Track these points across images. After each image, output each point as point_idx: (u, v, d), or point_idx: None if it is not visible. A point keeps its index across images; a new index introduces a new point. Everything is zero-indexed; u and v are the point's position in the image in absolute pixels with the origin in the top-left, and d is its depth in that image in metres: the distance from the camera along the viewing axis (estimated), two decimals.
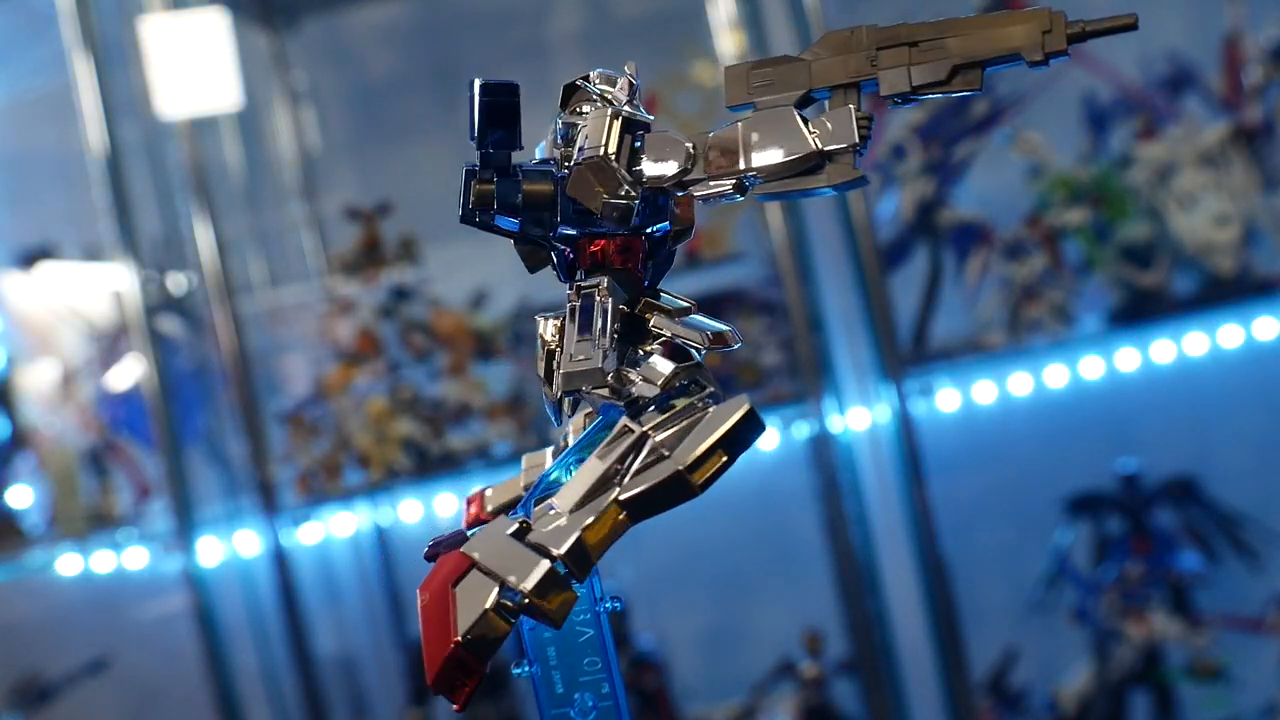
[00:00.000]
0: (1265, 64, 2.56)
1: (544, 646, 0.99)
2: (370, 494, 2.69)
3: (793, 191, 0.89)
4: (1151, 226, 2.58)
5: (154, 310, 2.77)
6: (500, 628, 0.86)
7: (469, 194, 0.93)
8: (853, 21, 0.88)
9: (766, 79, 0.90)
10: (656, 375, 0.91)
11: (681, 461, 0.87)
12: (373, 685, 3.12)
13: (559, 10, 3.19)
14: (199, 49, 2.76)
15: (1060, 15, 0.84)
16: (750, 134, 0.89)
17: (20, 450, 2.83)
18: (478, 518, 1.05)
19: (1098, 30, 0.84)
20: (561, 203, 0.93)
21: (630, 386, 0.91)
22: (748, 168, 0.89)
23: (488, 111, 0.91)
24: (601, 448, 0.89)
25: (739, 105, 0.92)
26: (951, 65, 0.86)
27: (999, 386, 2.67)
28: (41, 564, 2.79)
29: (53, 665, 2.98)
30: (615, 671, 0.99)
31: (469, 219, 0.94)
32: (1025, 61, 0.85)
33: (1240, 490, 2.75)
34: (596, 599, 0.99)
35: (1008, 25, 0.85)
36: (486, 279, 2.88)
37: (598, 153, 0.91)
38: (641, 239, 0.95)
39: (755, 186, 0.90)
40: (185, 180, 2.73)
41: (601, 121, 0.92)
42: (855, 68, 0.88)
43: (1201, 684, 2.59)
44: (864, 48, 0.88)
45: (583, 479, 0.88)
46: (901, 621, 2.73)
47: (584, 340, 0.91)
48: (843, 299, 2.76)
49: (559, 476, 0.95)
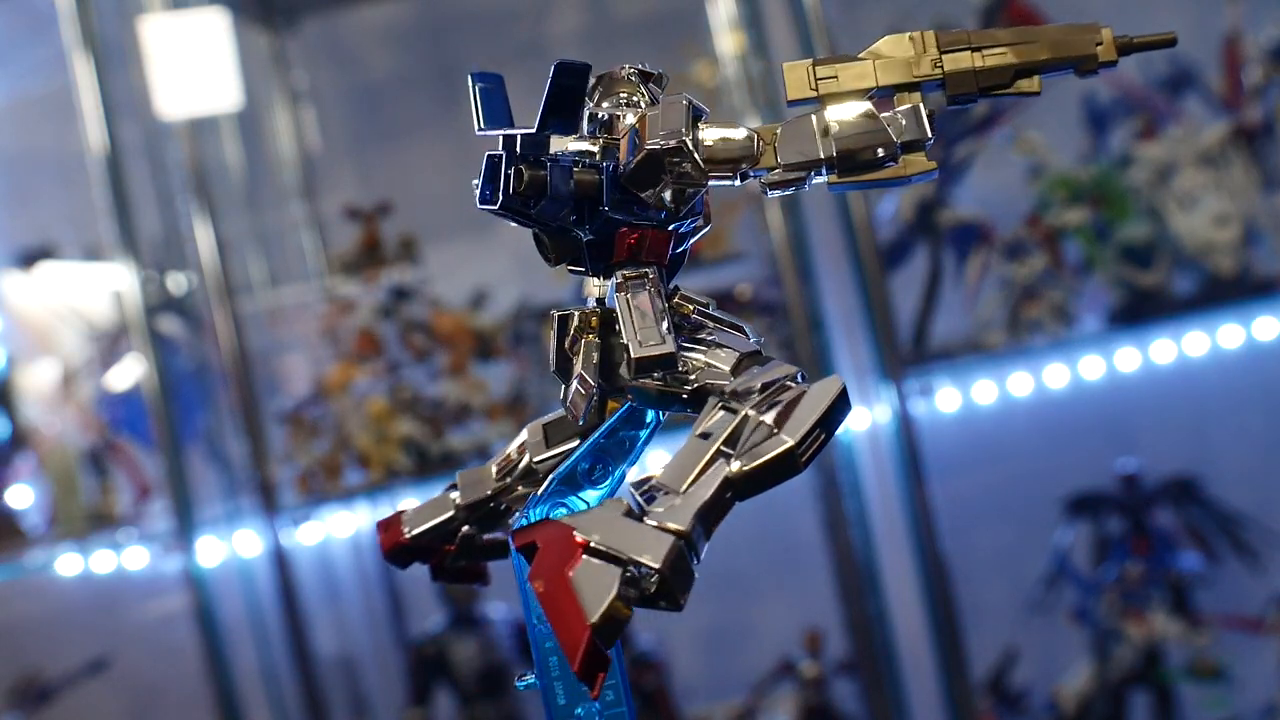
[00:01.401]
0: (1265, 64, 2.56)
1: (546, 656, 0.98)
2: (370, 494, 2.69)
3: (869, 182, 0.92)
4: (1151, 226, 2.58)
5: (154, 310, 2.77)
6: (624, 613, 0.81)
7: (514, 180, 0.90)
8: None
9: (831, 74, 0.92)
10: (729, 359, 0.91)
11: (793, 436, 0.85)
12: (373, 685, 3.12)
13: (559, 10, 3.19)
14: (199, 49, 2.76)
15: (1109, 29, 0.93)
16: (828, 125, 0.91)
17: (20, 450, 2.83)
18: (397, 543, 1.05)
19: (1142, 44, 0.93)
20: (610, 190, 0.92)
21: (691, 374, 0.91)
22: (828, 157, 0.91)
23: (559, 94, 0.90)
24: (699, 427, 0.87)
25: (800, 100, 0.93)
26: (1015, 70, 0.92)
27: (999, 386, 2.67)
28: (41, 564, 2.79)
29: (53, 665, 2.98)
30: (623, 677, 0.99)
31: (509, 205, 0.91)
32: (1076, 71, 0.93)
33: (1240, 490, 2.75)
34: None
35: (1065, 35, 0.93)
36: (486, 279, 2.88)
37: (680, 137, 0.90)
38: (669, 233, 0.95)
39: (831, 177, 0.92)
40: (185, 180, 2.73)
41: (678, 108, 0.92)
42: (921, 69, 0.92)
43: (1201, 684, 2.59)
44: (926, 51, 0.93)
45: (688, 457, 0.85)
46: (901, 621, 2.73)
47: (647, 327, 0.91)
48: (843, 299, 2.76)
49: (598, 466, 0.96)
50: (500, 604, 2.79)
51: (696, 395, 0.91)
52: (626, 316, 0.92)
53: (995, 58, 0.93)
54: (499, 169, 0.91)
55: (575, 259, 0.96)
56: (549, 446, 1.02)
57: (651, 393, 0.93)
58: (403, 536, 1.06)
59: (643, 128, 0.91)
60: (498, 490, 1.04)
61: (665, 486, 0.84)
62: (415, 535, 1.06)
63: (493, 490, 1.04)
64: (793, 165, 0.91)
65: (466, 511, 1.05)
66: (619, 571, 0.81)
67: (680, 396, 0.91)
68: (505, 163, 0.91)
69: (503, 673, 2.74)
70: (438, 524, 1.06)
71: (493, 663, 2.73)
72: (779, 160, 0.92)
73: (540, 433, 1.02)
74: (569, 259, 0.96)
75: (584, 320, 0.95)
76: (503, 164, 0.91)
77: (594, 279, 0.97)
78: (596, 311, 0.95)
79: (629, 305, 0.92)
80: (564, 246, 0.95)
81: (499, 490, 1.04)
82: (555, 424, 1.02)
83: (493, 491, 1.04)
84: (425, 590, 2.76)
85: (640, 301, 0.92)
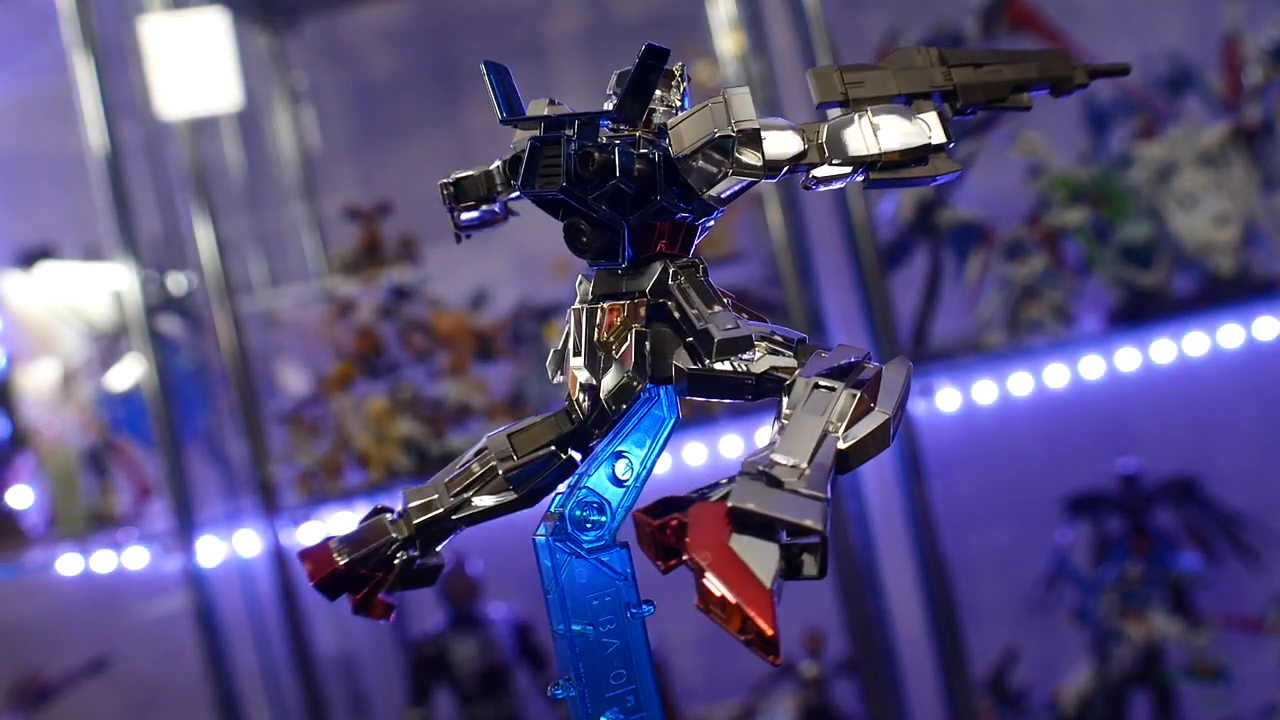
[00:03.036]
0: (1265, 64, 2.56)
1: (574, 663, 0.97)
2: (370, 494, 2.69)
3: (903, 180, 0.97)
4: (1151, 226, 2.58)
5: (154, 310, 2.77)
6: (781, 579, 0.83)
7: (582, 162, 0.91)
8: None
9: (857, 80, 0.97)
10: (788, 344, 0.93)
11: (887, 411, 0.89)
12: (373, 685, 3.12)
13: (559, 10, 3.19)
14: (199, 49, 2.76)
15: (1075, 58, 1.04)
16: (871, 124, 0.95)
17: (20, 450, 2.83)
18: (334, 573, 1.03)
19: (1101, 72, 1.04)
20: (664, 178, 0.93)
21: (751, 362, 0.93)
22: (876, 154, 0.95)
23: (644, 77, 0.92)
24: (803, 406, 0.89)
25: (828, 103, 0.97)
26: (1011, 85, 1.01)
27: (999, 386, 2.67)
28: (41, 564, 2.79)
29: (53, 665, 2.98)
30: (651, 679, 0.97)
31: (570, 192, 0.92)
32: (1054, 91, 1.03)
33: (1240, 490, 2.75)
34: (634, 604, 0.98)
35: (1048, 58, 1.02)
36: (486, 279, 2.88)
37: (753, 125, 0.92)
38: (697, 225, 0.97)
39: (871, 174, 0.96)
40: (185, 180, 2.73)
41: (745, 99, 0.93)
42: (933, 80, 0.98)
43: (1201, 684, 2.59)
44: (934, 64, 0.99)
45: (802, 432, 0.87)
46: (901, 621, 2.73)
47: (716, 313, 0.92)
48: (843, 299, 2.76)
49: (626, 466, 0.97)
50: (500, 604, 2.80)
51: (761, 380, 0.92)
52: (692, 303, 0.93)
53: (992, 74, 1.00)
54: (547, 153, 0.92)
55: (609, 251, 0.95)
56: (519, 456, 1.01)
57: (714, 380, 0.93)
58: (337, 565, 1.03)
59: (700, 118, 0.93)
60: (453, 507, 1.02)
61: (789, 460, 0.85)
62: (351, 562, 1.03)
63: (448, 507, 1.02)
64: (848, 160, 0.95)
65: (419, 531, 1.03)
66: (775, 541, 0.82)
67: (745, 382, 0.93)
68: (566, 144, 0.91)
69: (502, 673, 2.74)
70: (376, 548, 1.04)
71: (492, 663, 2.73)
72: (830, 156, 0.95)
73: (505, 443, 1.01)
74: (604, 251, 0.95)
75: (632, 311, 0.95)
76: (564, 146, 0.91)
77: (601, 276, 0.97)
78: (644, 302, 0.95)
79: (692, 293, 0.94)
80: (598, 235, 0.95)
81: (454, 507, 1.02)
82: (521, 433, 1.01)
83: (447, 509, 1.02)
84: (425, 590, 2.76)
85: (701, 290, 0.94)
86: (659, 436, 0.99)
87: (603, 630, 0.97)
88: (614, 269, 0.97)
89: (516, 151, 0.97)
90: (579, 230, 0.95)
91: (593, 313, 0.96)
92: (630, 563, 0.98)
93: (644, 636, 0.98)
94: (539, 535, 0.98)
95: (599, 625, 0.97)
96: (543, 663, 2.77)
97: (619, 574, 0.98)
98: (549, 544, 0.98)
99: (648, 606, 0.98)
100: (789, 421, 0.88)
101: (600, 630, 0.97)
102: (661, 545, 0.85)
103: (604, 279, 0.98)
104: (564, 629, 0.97)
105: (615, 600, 0.97)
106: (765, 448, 0.87)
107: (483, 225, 1.08)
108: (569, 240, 0.96)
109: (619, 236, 0.94)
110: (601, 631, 0.97)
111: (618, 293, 0.96)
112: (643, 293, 0.95)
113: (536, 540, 0.98)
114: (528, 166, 0.93)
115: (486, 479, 1.02)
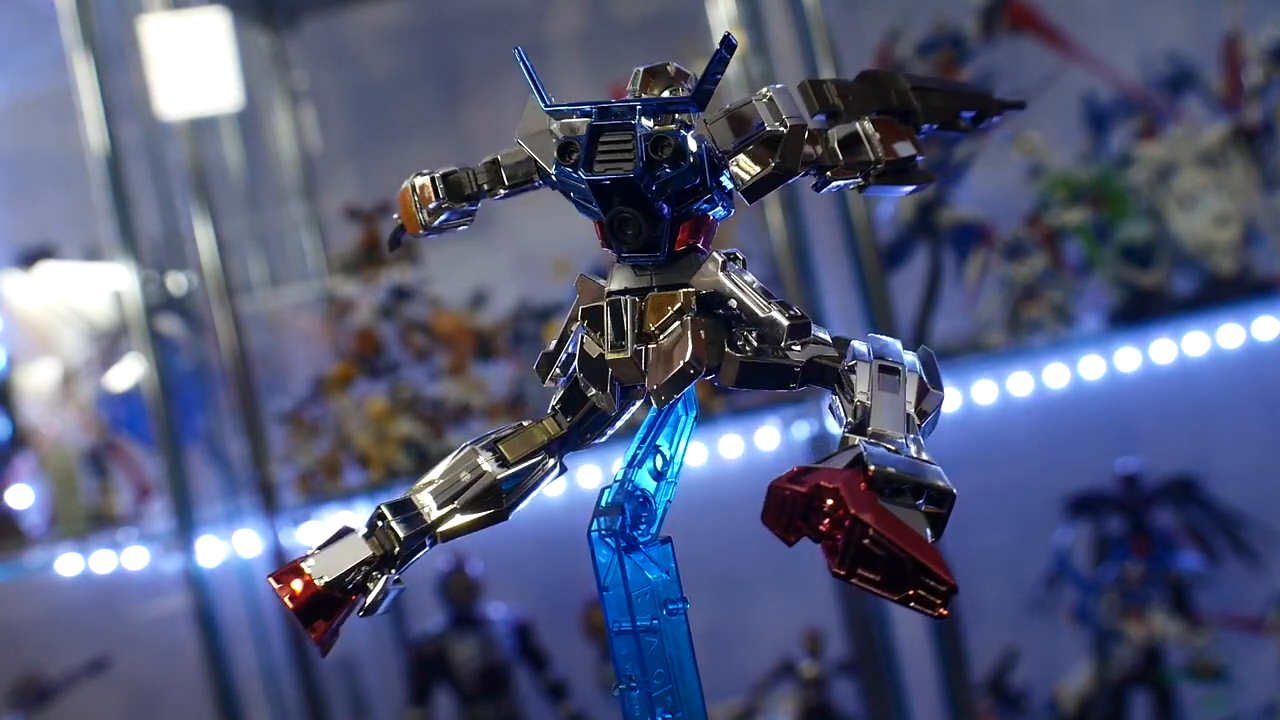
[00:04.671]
0: (1265, 64, 2.56)
1: (629, 663, 0.97)
2: (370, 494, 2.69)
3: (890, 186, 1.02)
4: (1151, 226, 2.58)
5: (154, 310, 2.77)
6: None
7: (656, 147, 0.91)
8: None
9: (843, 94, 1.02)
10: (827, 335, 0.96)
11: (942, 390, 0.95)
12: (373, 685, 3.12)
13: (559, 10, 3.19)
14: (199, 49, 2.75)
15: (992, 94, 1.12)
16: (869, 132, 1.00)
17: (20, 450, 2.83)
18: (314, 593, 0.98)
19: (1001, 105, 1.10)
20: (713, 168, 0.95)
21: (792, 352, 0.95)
22: (879, 160, 0.99)
23: (719, 67, 0.93)
24: (879, 387, 0.92)
25: (821, 113, 1.01)
26: (958, 110, 1.08)
27: (999, 386, 2.67)
28: (41, 564, 2.78)
29: (53, 665, 2.98)
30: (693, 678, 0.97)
31: (641, 180, 0.92)
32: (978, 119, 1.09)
33: (1240, 490, 2.75)
34: (678, 600, 0.97)
35: (980, 90, 1.11)
36: (486, 279, 2.88)
37: (801, 122, 0.96)
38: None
39: (868, 179, 1.01)
40: (185, 180, 2.73)
41: (789, 95, 0.97)
42: (901, 101, 1.04)
43: (1201, 684, 2.59)
44: (901, 86, 1.04)
45: (893, 410, 0.92)
46: (901, 621, 2.73)
47: (774, 300, 0.95)
48: (843, 299, 2.76)
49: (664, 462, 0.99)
50: (500, 604, 2.80)
51: (806, 369, 0.95)
52: (748, 292, 0.95)
53: (941, 99, 1.07)
54: (610, 138, 0.92)
55: (651, 243, 0.95)
56: (513, 463, 0.99)
57: (763, 369, 0.95)
58: (316, 586, 0.98)
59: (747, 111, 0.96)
60: (440, 519, 0.99)
61: (895, 433, 0.90)
62: (330, 583, 0.98)
63: (436, 518, 0.99)
64: (856, 164, 0.99)
65: (405, 547, 0.99)
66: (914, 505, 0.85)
67: (793, 370, 0.95)
68: (636, 129, 0.91)
69: (502, 673, 2.74)
70: (355, 566, 0.99)
71: (492, 663, 2.73)
72: (843, 160, 0.99)
73: (493, 452, 0.99)
74: (646, 244, 0.95)
75: (685, 301, 0.95)
76: (635, 131, 0.91)
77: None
78: (694, 293, 0.95)
79: (745, 282, 0.96)
80: (650, 228, 0.95)
81: (441, 519, 0.99)
82: (510, 439, 1.00)
83: (434, 520, 0.99)
84: (425, 590, 2.76)
85: (751, 279, 0.96)
86: (682, 432, 1.00)
87: (644, 627, 0.97)
88: (647, 263, 0.96)
89: (564, 139, 0.94)
90: (628, 221, 0.94)
91: (633, 304, 0.95)
92: (674, 558, 0.99)
93: (687, 634, 0.98)
94: (594, 530, 0.98)
95: (647, 622, 0.97)
96: (543, 663, 2.77)
97: (663, 569, 0.98)
98: (603, 539, 0.97)
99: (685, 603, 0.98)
100: (872, 401, 0.91)
101: (644, 627, 0.97)
102: (802, 514, 0.85)
103: (632, 273, 0.97)
104: (627, 625, 0.97)
105: (654, 597, 0.97)
106: (856, 425, 0.91)
107: (444, 229, 1.07)
108: (614, 232, 0.94)
109: (663, 228, 0.94)
110: (642, 629, 0.97)
111: (653, 286, 0.96)
112: (685, 284, 0.96)
113: (592, 535, 0.98)
114: (588, 152, 0.92)
115: (476, 488, 0.99)
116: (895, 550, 0.82)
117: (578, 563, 1.02)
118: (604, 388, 0.96)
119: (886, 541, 0.82)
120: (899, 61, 2.68)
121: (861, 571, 0.83)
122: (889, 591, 0.82)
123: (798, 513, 0.85)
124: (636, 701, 0.97)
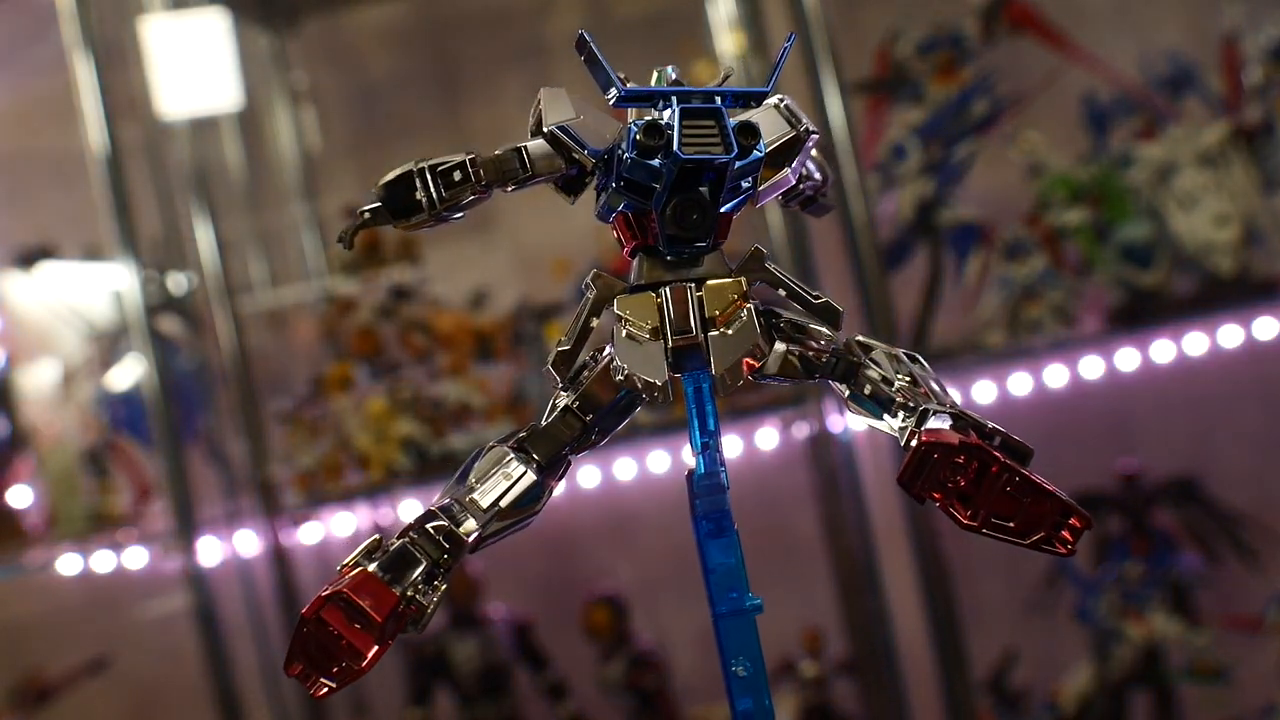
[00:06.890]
0: (1265, 64, 2.56)
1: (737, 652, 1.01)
2: (370, 494, 2.69)
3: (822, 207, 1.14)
4: (1151, 226, 2.58)
5: (154, 310, 2.77)
6: None
7: (743, 133, 0.94)
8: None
9: None
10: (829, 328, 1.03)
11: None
12: (373, 685, 3.12)
13: (559, 10, 3.19)
14: (199, 49, 2.76)
15: None
16: (820, 157, 1.09)
17: (20, 450, 2.83)
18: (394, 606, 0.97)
19: None
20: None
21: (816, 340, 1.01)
22: (830, 182, 1.11)
23: (780, 64, 0.97)
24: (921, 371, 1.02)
25: None
26: None
27: (999, 386, 2.67)
28: (41, 564, 2.79)
29: (53, 665, 2.98)
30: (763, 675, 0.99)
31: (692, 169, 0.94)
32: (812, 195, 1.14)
33: (1240, 490, 2.75)
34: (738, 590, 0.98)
35: None
36: (486, 279, 2.88)
37: (816, 131, 1.03)
38: None
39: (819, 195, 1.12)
40: (185, 180, 2.73)
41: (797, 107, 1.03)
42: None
43: (1201, 684, 2.59)
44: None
45: (946, 391, 1.01)
46: (901, 621, 2.73)
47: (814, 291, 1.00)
48: (843, 299, 2.75)
49: None
50: (500, 604, 2.80)
51: (836, 357, 1.02)
52: (796, 281, 1.01)
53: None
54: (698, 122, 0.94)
55: (704, 232, 0.97)
56: (544, 464, 0.99)
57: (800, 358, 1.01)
58: (394, 598, 0.96)
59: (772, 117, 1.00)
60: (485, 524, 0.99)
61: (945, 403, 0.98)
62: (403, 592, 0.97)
63: (484, 522, 0.99)
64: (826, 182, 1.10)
65: (455, 556, 0.99)
66: None
67: (820, 359, 1.01)
68: (722, 116, 0.94)
69: (502, 673, 2.74)
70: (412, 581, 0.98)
71: (492, 663, 2.73)
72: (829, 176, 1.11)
73: (524, 453, 0.99)
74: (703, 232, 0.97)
75: (745, 289, 0.98)
76: (719, 119, 0.94)
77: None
78: (746, 281, 0.99)
79: (785, 273, 1.01)
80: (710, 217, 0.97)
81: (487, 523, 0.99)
82: (535, 440, 1.00)
83: (481, 524, 0.99)
84: None
85: (790, 277, 1.02)
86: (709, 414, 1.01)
87: (754, 607, 1.00)
88: (690, 254, 0.98)
89: (651, 121, 0.94)
90: (693, 207, 0.96)
91: (681, 292, 0.96)
92: (739, 547, 1.00)
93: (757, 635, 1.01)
94: (700, 513, 0.99)
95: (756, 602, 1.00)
96: (543, 663, 2.77)
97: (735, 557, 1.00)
98: (705, 522, 0.99)
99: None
100: (923, 384, 1.00)
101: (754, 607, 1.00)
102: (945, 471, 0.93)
103: (664, 266, 0.98)
104: (740, 606, 1.00)
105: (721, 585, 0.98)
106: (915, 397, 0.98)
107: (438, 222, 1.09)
108: (679, 219, 0.96)
109: (713, 218, 0.97)
110: (751, 608, 1.00)
111: (691, 278, 0.97)
112: (721, 275, 0.98)
113: (700, 519, 0.99)
114: (684, 135, 0.93)
115: (517, 489, 0.99)
116: (1041, 493, 0.91)
117: (578, 563, 1.02)
118: (658, 376, 0.96)
119: (1033, 486, 0.91)
120: (899, 61, 2.68)
121: (995, 520, 0.92)
122: (1020, 537, 0.92)
123: (942, 468, 0.92)
124: (745, 683, 0.99)
